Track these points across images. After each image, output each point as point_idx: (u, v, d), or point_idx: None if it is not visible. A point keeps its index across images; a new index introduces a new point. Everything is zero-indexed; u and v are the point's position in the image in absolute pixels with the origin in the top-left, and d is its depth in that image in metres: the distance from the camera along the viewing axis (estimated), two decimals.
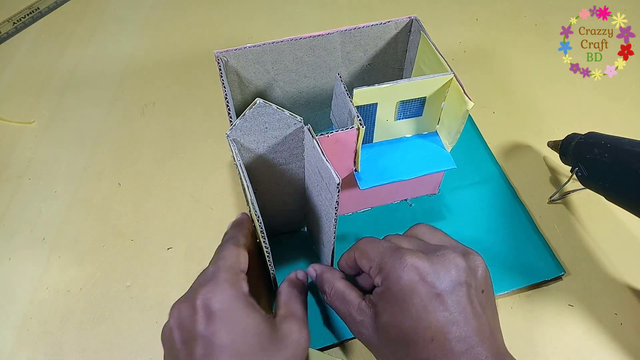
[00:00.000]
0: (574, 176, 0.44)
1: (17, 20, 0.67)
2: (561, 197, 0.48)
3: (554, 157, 0.50)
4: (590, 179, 0.43)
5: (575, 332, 0.40)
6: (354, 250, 0.34)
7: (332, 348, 0.40)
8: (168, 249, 0.46)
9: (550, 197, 0.48)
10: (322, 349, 0.39)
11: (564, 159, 0.47)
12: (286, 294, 0.35)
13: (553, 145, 0.48)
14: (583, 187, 0.45)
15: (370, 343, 0.31)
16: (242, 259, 0.34)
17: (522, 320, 0.41)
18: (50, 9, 0.69)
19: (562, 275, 0.43)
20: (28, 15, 0.68)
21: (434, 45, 0.39)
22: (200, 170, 0.51)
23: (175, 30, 0.67)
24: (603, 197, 0.42)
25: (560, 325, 0.41)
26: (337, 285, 0.34)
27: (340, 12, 0.68)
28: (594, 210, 0.47)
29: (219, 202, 0.49)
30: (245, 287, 0.32)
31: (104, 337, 0.41)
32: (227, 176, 0.51)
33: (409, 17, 0.42)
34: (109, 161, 0.53)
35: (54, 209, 0.49)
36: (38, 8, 0.69)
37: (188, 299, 0.31)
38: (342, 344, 0.40)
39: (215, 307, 0.29)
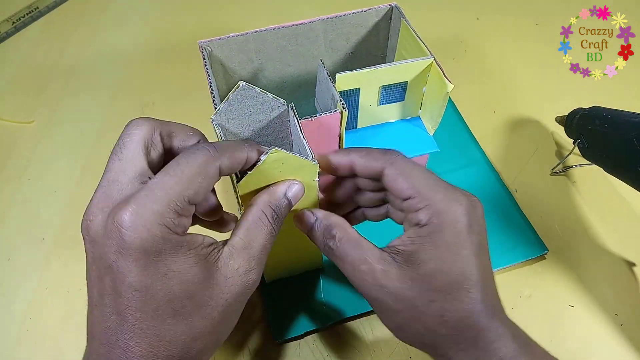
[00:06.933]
0: (576, 148, 0.46)
1: (17, 20, 0.67)
2: (564, 169, 0.50)
3: (556, 158, 0.50)
4: (591, 150, 0.45)
5: (575, 333, 0.40)
6: (389, 164, 0.29)
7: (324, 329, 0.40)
8: None
9: (553, 169, 0.49)
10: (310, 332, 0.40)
11: (568, 131, 0.48)
12: (255, 216, 0.28)
13: (560, 120, 0.50)
14: (585, 163, 0.47)
15: (391, 298, 0.27)
16: (205, 183, 0.25)
17: (522, 320, 0.41)
18: (49, 9, 0.69)
19: (545, 254, 0.44)
20: (27, 14, 0.68)
21: (414, 31, 0.39)
22: None
23: (175, 30, 0.66)
24: (605, 195, 0.42)
25: (561, 326, 0.41)
26: (349, 230, 0.29)
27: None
28: (596, 211, 0.47)
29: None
30: (182, 224, 0.25)
31: None
32: None
33: (389, 5, 0.42)
34: None
35: (53, 209, 0.49)
36: (37, 7, 0.68)
37: (102, 210, 0.27)
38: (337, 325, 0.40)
39: (130, 243, 0.23)
